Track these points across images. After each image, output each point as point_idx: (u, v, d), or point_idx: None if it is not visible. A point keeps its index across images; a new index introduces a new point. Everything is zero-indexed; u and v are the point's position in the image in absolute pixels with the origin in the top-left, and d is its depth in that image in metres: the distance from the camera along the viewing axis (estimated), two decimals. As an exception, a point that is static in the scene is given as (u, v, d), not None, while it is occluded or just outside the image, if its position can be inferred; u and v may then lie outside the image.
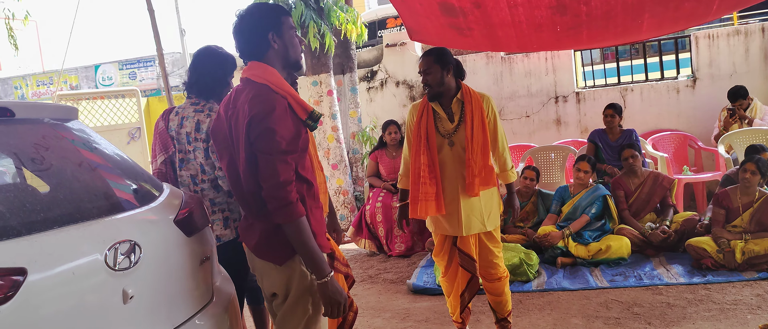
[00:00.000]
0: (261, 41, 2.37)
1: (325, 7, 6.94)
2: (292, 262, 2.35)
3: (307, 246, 2.26)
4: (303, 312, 2.39)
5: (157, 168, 3.34)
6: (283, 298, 2.40)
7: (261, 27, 2.37)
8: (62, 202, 2.20)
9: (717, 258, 4.80)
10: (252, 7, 2.43)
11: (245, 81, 2.36)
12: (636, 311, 4.19)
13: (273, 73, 2.34)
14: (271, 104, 2.22)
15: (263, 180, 2.22)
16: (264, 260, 2.38)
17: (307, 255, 2.27)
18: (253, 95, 2.26)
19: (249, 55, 2.40)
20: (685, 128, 7.75)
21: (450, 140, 3.58)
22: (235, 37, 2.42)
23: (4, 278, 1.71)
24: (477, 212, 3.60)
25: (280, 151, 2.21)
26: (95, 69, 20.65)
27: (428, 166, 3.56)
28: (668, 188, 5.69)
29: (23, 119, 2.34)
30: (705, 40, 7.72)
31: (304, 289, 2.37)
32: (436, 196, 3.54)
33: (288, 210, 2.21)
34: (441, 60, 3.56)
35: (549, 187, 6.82)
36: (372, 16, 15.18)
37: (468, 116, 3.54)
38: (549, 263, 5.39)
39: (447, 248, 3.73)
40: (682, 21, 5.20)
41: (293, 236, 2.25)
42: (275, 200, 2.20)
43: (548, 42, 5.94)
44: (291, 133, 2.26)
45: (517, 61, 8.54)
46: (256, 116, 2.21)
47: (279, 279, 2.38)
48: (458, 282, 3.74)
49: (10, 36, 8.64)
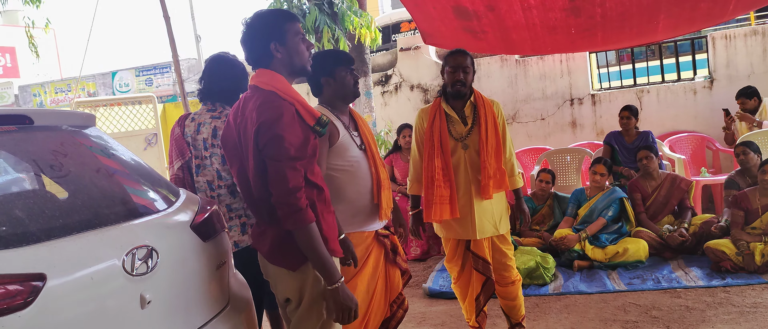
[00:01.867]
0: (265, 51, 2.37)
1: (339, 12, 6.96)
2: (306, 267, 2.36)
3: (317, 252, 2.27)
4: (317, 317, 2.40)
5: (175, 174, 3.37)
6: (297, 303, 2.42)
7: (263, 37, 2.37)
8: (80, 208, 2.22)
9: (736, 260, 4.74)
10: (255, 16, 2.42)
11: (253, 88, 2.37)
12: (654, 314, 4.15)
13: (280, 80, 2.35)
14: (278, 110, 2.24)
15: (272, 187, 2.23)
16: (277, 266, 2.40)
17: (318, 260, 2.28)
18: (261, 102, 2.27)
19: (254, 63, 2.42)
20: (702, 129, 7.67)
21: (464, 143, 3.58)
22: (243, 46, 2.44)
23: (24, 283, 1.73)
24: (489, 215, 3.60)
25: (289, 157, 2.22)
26: (112, 76, 20.84)
27: (442, 169, 3.55)
28: (686, 190, 5.64)
29: (42, 126, 2.37)
30: (722, 41, 7.65)
31: (318, 294, 2.38)
32: (450, 199, 3.54)
33: (297, 217, 2.22)
34: (473, 61, 3.58)
35: (565, 190, 6.78)
36: (386, 21, 15.20)
37: (482, 119, 3.54)
38: (566, 266, 5.36)
39: (460, 253, 3.72)
40: (699, 21, 5.16)
41: (303, 243, 2.26)
42: (285, 207, 2.22)
43: (563, 44, 5.93)
44: (299, 139, 2.27)
45: (531, 64, 8.51)
46: (264, 123, 2.22)
47: (292, 285, 2.39)
48: (473, 285, 3.72)
49: (31, 44, 8.73)
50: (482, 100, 3.60)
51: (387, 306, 3.07)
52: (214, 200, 3.22)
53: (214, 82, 3.34)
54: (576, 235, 5.41)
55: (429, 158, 3.60)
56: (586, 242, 5.35)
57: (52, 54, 28.15)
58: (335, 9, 6.96)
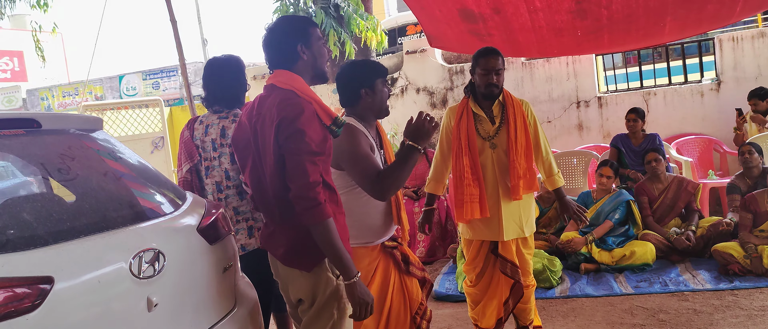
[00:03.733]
0: (291, 52, 2.41)
1: (346, 15, 6.98)
2: (319, 269, 2.37)
3: (335, 247, 2.27)
4: (328, 317, 2.41)
5: (183, 177, 3.38)
6: (309, 304, 2.42)
7: (291, 39, 2.41)
8: (88, 211, 2.23)
9: (744, 263, 4.72)
10: (281, 20, 2.49)
11: (270, 87, 2.40)
12: (661, 318, 4.13)
13: (299, 80, 2.39)
14: (299, 107, 2.26)
15: (292, 181, 2.24)
16: (291, 267, 2.40)
17: (336, 256, 2.28)
18: (281, 99, 2.30)
19: (277, 65, 2.44)
20: (709, 131, 7.63)
21: (492, 143, 3.54)
22: (266, 49, 2.46)
23: (32, 286, 1.74)
24: (516, 216, 3.56)
25: (310, 151, 2.24)
26: (119, 79, 20.93)
27: (471, 167, 3.50)
28: (693, 193, 5.61)
29: (50, 130, 2.38)
30: (729, 43, 7.62)
31: (331, 294, 2.39)
32: (480, 198, 3.49)
33: (317, 211, 2.22)
34: (504, 61, 3.53)
35: (571, 193, 6.76)
36: (392, 24, 15.20)
37: (511, 119, 3.50)
38: (572, 269, 5.34)
39: (482, 255, 3.66)
40: (705, 23, 5.15)
41: (321, 238, 2.26)
42: (304, 201, 2.22)
43: (569, 47, 5.92)
44: (319, 136, 2.29)
45: (537, 67, 8.50)
46: (285, 119, 2.24)
47: (306, 286, 2.40)
48: (501, 289, 3.65)
49: (38, 48, 8.78)
50: (511, 99, 3.56)
51: (409, 319, 2.97)
52: (222, 203, 3.23)
53: (217, 86, 3.36)
54: (583, 238, 5.40)
55: (457, 157, 3.55)
56: (592, 245, 5.34)
57: (59, 58, 28.31)
58: (341, 12, 6.98)
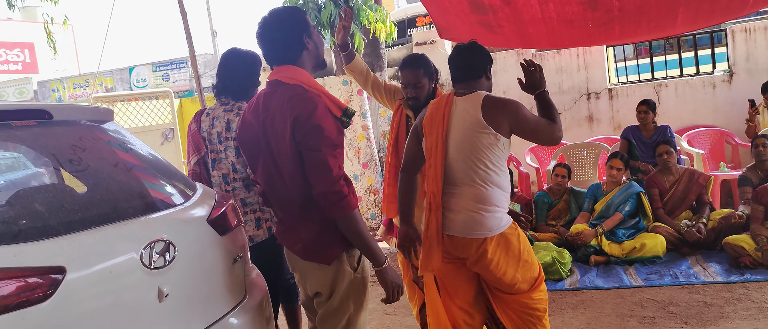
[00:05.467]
0: (298, 45, 2.38)
1: (355, 7, 6.96)
2: (338, 262, 2.38)
3: (364, 237, 2.30)
4: (345, 311, 2.43)
5: (192, 169, 3.40)
6: (327, 297, 2.43)
7: (295, 32, 2.38)
8: (99, 202, 2.24)
9: (755, 256, 4.69)
10: (281, 11, 2.41)
11: (275, 83, 2.37)
12: (672, 310, 4.12)
13: (304, 74, 2.36)
14: (312, 102, 2.25)
15: (316, 177, 2.23)
16: (311, 262, 2.40)
17: (365, 245, 2.31)
18: (291, 95, 2.27)
19: (282, 60, 2.39)
20: (721, 123, 7.58)
21: None
22: (267, 44, 2.40)
23: (44, 276, 1.76)
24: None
25: (331, 145, 2.24)
26: (130, 71, 21.00)
27: (395, 167, 3.48)
28: (704, 185, 5.58)
29: (61, 121, 2.39)
30: (741, 34, 7.55)
31: (349, 287, 2.41)
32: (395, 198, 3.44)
33: (344, 203, 2.24)
34: (429, 72, 3.45)
35: (581, 185, 6.74)
36: (401, 15, 15.15)
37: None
38: (582, 261, 5.33)
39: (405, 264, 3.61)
40: (718, 14, 5.10)
41: (349, 228, 2.28)
42: (331, 195, 2.22)
43: (580, 38, 5.89)
44: (334, 128, 2.29)
45: (548, 58, 8.46)
46: (300, 116, 2.22)
47: (324, 279, 2.41)
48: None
49: (49, 40, 8.81)
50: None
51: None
52: (229, 194, 3.24)
53: (230, 77, 3.35)
54: (593, 230, 5.38)
55: (388, 154, 3.60)
56: (602, 237, 5.32)
57: (70, 50, 28.43)
58: (350, 4, 6.96)
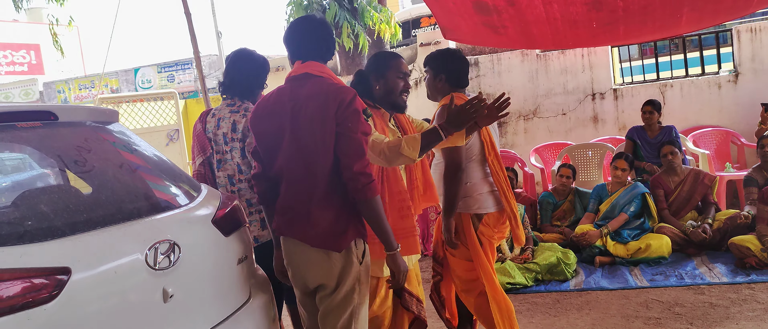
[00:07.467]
0: (331, 45, 2.59)
1: (359, 8, 6.97)
2: (348, 251, 2.43)
3: (383, 221, 2.42)
4: (350, 302, 2.45)
5: (197, 170, 3.40)
6: (332, 288, 2.44)
7: (330, 35, 2.60)
8: (104, 203, 2.25)
9: (761, 256, 4.67)
10: (314, 16, 2.64)
11: (304, 76, 2.50)
12: (677, 311, 4.11)
13: (328, 69, 2.56)
14: (351, 90, 2.42)
15: (351, 157, 2.36)
16: (322, 248, 2.42)
17: (383, 228, 2.43)
18: (330, 84, 2.44)
19: (311, 57, 2.54)
20: (727, 124, 7.55)
21: None
22: (302, 39, 2.55)
23: (49, 277, 1.76)
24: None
25: (365, 131, 2.41)
26: (135, 72, 21.04)
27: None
28: (709, 185, 5.56)
29: (66, 122, 2.40)
30: (747, 34, 7.52)
31: (355, 277, 2.44)
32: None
33: (372, 186, 2.37)
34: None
35: (586, 185, 6.73)
36: (406, 16, 15.17)
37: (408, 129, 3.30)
38: (587, 262, 5.32)
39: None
40: (723, 14, 5.08)
41: (372, 211, 2.40)
42: (363, 177, 2.35)
43: (584, 38, 5.87)
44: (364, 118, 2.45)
45: (552, 59, 8.44)
46: (343, 101, 2.37)
47: (332, 269, 2.42)
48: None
49: (55, 41, 8.83)
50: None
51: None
52: (235, 195, 3.25)
53: (238, 76, 3.37)
54: (597, 231, 5.37)
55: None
56: (607, 237, 5.31)
57: (75, 51, 28.49)
58: (355, 4, 6.97)
